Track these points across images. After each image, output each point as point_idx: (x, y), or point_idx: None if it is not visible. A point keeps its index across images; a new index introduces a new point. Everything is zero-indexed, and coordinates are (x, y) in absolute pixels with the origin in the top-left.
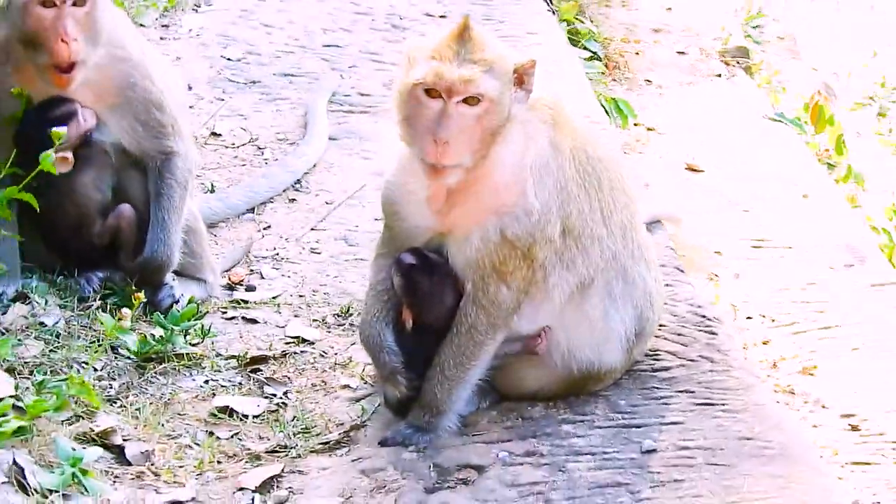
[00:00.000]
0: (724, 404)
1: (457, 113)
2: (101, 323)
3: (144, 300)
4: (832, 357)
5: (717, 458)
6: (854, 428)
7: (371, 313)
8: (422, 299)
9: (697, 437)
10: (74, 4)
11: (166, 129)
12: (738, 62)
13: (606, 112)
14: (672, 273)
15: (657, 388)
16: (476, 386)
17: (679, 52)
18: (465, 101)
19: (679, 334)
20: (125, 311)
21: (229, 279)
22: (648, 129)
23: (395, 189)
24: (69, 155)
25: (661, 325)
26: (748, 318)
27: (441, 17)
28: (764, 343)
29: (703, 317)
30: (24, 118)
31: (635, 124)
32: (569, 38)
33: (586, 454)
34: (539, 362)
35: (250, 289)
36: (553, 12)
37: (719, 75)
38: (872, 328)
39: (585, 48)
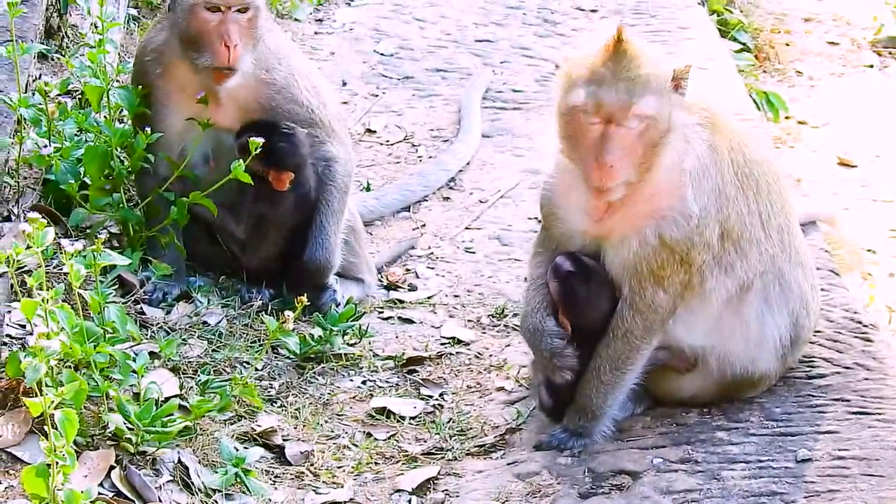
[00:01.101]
0: (880, 413)
1: (618, 135)
2: (264, 324)
3: (307, 303)
4: None
5: (872, 469)
6: None
7: (532, 305)
8: (577, 305)
9: (853, 447)
10: (238, 11)
11: (321, 139)
12: (890, 52)
13: (757, 106)
14: (827, 276)
15: (812, 395)
16: (630, 391)
17: (830, 43)
18: (630, 125)
19: (835, 341)
20: (288, 313)
21: (387, 278)
22: (800, 123)
23: (553, 192)
24: (286, 178)
25: (816, 332)
26: None
27: (592, 10)
28: None
29: (860, 323)
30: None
31: (786, 117)
32: (718, 28)
33: (741, 462)
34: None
35: (412, 288)
36: (703, 3)
37: (871, 66)
38: None
39: (735, 39)
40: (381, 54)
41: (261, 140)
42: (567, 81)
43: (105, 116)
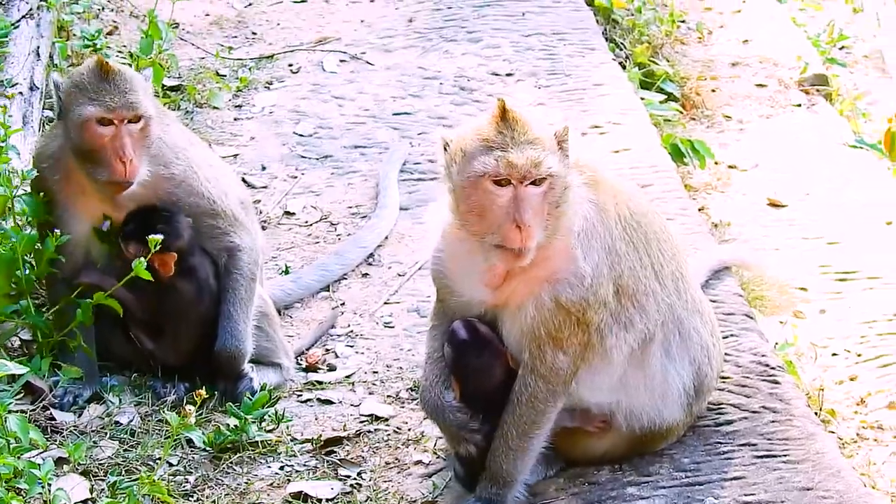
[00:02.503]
0: (785, 455)
1: (529, 195)
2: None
3: (206, 396)
4: None
5: None
6: None
7: (430, 380)
8: (472, 372)
9: (758, 491)
10: (129, 122)
11: (223, 229)
12: (817, 90)
13: (683, 154)
14: (741, 322)
15: (720, 443)
16: (541, 454)
17: (758, 85)
18: (533, 183)
19: (742, 385)
20: (189, 407)
21: (306, 361)
22: (730, 167)
23: (444, 265)
24: (170, 260)
25: (724, 378)
26: (833, 354)
27: (508, 75)
28: (851, 379)
29: (767, 366)
30: (125, 227)
31: (716, 163)
32: (643, 80)
33: None
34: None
35: (331, 368)
36: (628, 58)
37: (799, 105)
38: None
39: (661, 90)
40: (300, 135)
41: (160, 236)
42: (464, 154)
43: (12, 224)
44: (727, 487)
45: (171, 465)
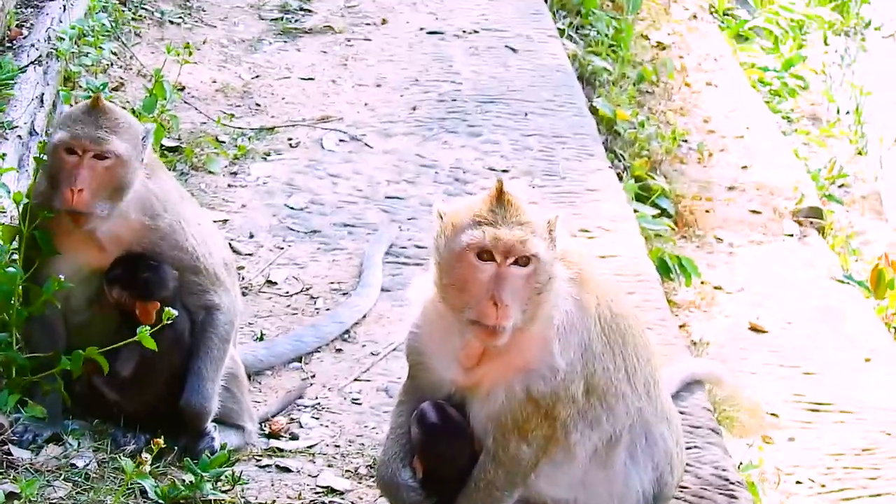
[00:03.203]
0: None
1: (511, 275)
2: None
3: (163, 445)
4: None
5: None
6: None
7: (388, 455)
8: (437, 457)
9: None
10: (96, 157)
11: (204, 286)
12: (811, 223)
13: (670, 269)
14: (706, 436)
15: None
16: None
17: (752, 211)
18: (516, 261)
19: (700, 497)
20: (145, 455)
21: (269, 427)
22: (716, 288)
23: (421, 341)
24: (153, 309)
25: (683, 488)
26: (798, 482)
27: (504, 171)
28: None
29: (726, 480)
30: (110, 271)
31: (702, 283)
32: (639, 193)
33: None
34: None
35: (294, 437)
36: (626, 170)
37: (791, 235)
38: None
39: (655, 205)
40: (291, 208)
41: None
42: (454, 227)
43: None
44: None
45: None
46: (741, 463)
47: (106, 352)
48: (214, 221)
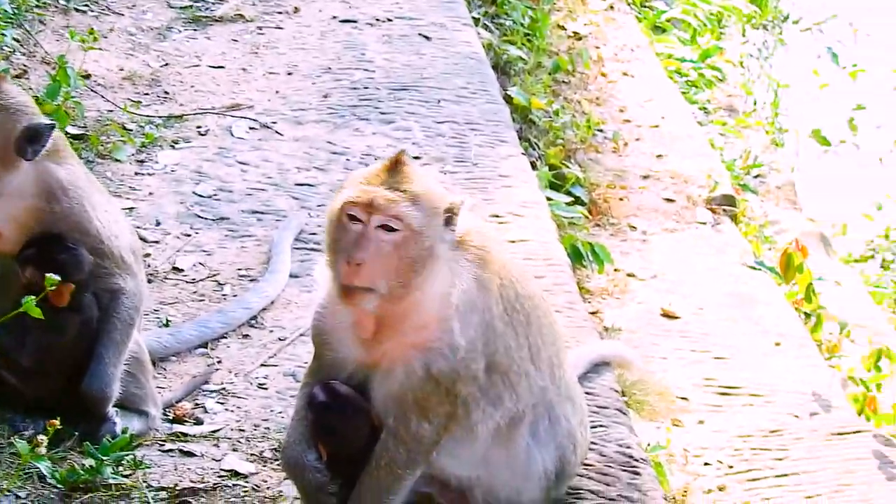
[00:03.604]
0: None
1: (375, 237)
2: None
3: (60, 426)
4: None
5: None
6: None
7: (293, 437)
8: (333, 435)
9: None
10: None
11: (109, 270)
12: (724, 210)
13: (583, 256)
14: (612, 415)
15: None
16: None
17: (666, 200)
18: (384, 227)
19: (604, 474)
20: (41, 437)
21: (174, 413)
22: (629, 275)
23: (324, 318)
24: (66, 291)
25: (587, 465)
26: (706, 464)
27: (415, 157)
28: (720, 489)
29: (630, 457)
30: (24, 251)
31: (615, 270)
32: (553, 182)
33: None
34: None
35: (198, 422)
36: (540, 158)
37: (705, 223)
38: (829, 476)
39: (569, 193)
40: (200, 195)
41: (57, 278)
42: (340, 189)
43: None
44: None
45: (18, 497)
46: (649, 444)
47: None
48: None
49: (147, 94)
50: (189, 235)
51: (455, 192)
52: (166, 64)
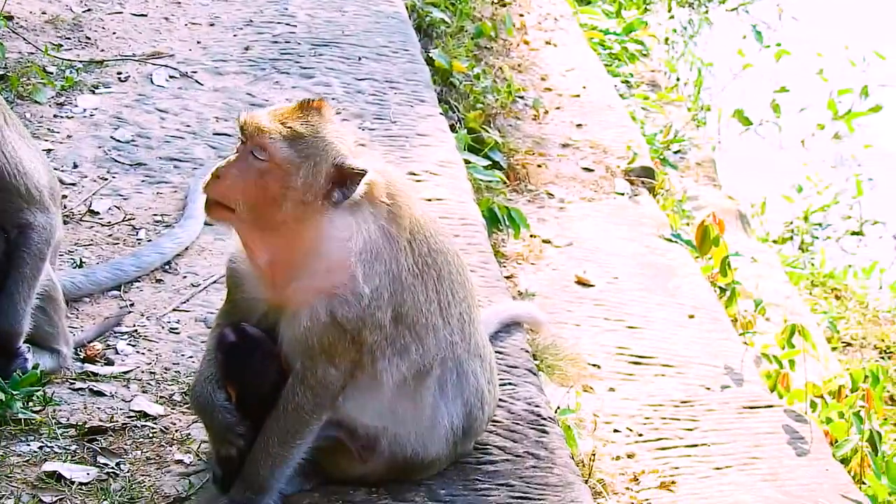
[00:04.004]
0: (541, 499)
1: (245, 158)
2: None
3: None
4: (694, 475)
5: None
6: None
7: (204, 375)
8: (242, 377)
9: None
10: None
11: (16, 205)
12: (643, 182)
13: (499, 220)
14: (523, 375)
15: (479, 480)
16: (301, 467)
17: (585, 169)
18: (255, 153)
19: (511, 431)
20: None
21: (85, 353)
22: (544, 241)
23: (236, 259)
24: None
25: (495, 422)
26: (615, 430)
27: (337, 113)
28: (629, 456)
29: (539, 416)
30: None
31: (532, 236)
32: (472, 146)
33: None
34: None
35: (109, 363)
36: (460, 122)
37: (623, 194)
38: (738, 449)
39: (488, 157)
40: (118, 140)
41: None
42: None
43: None
44: None
45: None
46: (558, 407)
47: None
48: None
49: (69, 38)
50: (106, 179)
51: (369, 160)
52: (89, 9)
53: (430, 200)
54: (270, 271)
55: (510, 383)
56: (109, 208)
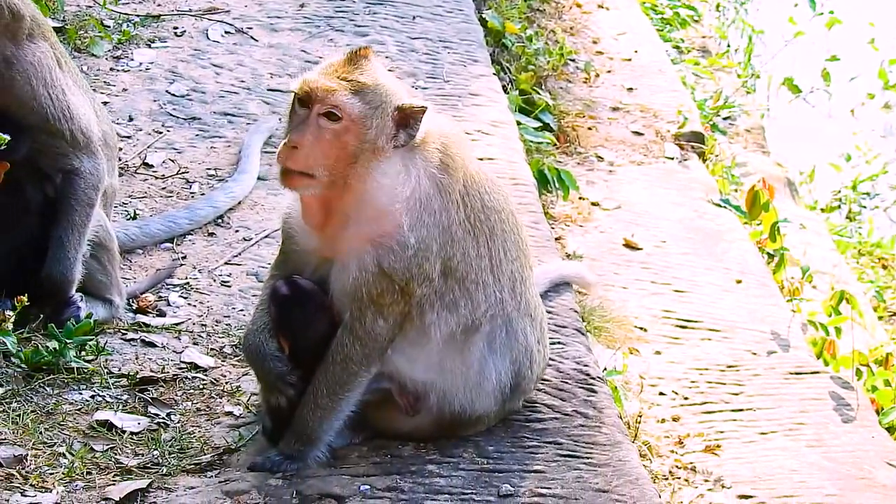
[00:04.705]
0: (588, 458)
1: (316, 123)
2: None
3: (30, 304)
4: (739, 439)
5: None
6: None
7: (257, 325)
8: (293, 329)
9: (555, 486)
10: None
11: (61, 149)
12: (692, 147)
13: (549, 182)
14: (571, 335)
15: (526, 437)
16: (350, 420)
17: (635, 132)
18: (327, 115)
19: (560, 389)
20: (8, 312)
21: (138, 304)
22: (593, 204)
23: (292, 213)
24: (1, 169)
25: (544, 380)
26: (661, 393)
27: (389, 70)
28: (674, 419)
29: (587, 375)
30: None
31: (581, 198)
32: (523, 107)
33: (445, 494)
34: None
35: (161, 314)
36: (512, 83)
37: (672, 158)
38: (784, 414)
39: (538, 118)
40: (173, 94)
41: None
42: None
43: None
44: (526, 478)
45: None
46: (605, 369)
47: None
48: None
49: None
50: (160, 133)
51: (421, 99)
52: None
53: (481, 160)
54: (323, 223)
55: (559, 342)
56: (164, 161)
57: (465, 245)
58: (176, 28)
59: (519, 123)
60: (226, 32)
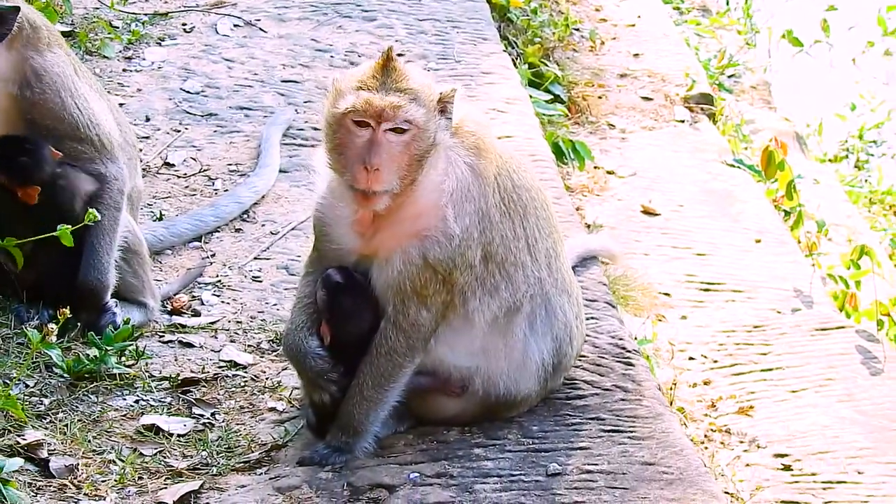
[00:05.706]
0: (631, 431)
1: (385, 140)
2: (30, 339)
3: (70, 315)
4: (770, 398)
5: (617, 482)
6: (786, 468)
7: (296, 324)
8: (342, 317)
9: (601, 462)
10: None
11: (89, 155)
12: (702, 109)
13: (564, 153)
14: (603, 308)
15: (569, 415)
16: (394, 409)
17: (644, 98)
18: (393, 129)
19: (598, 364)
20: (51, 325)
21: (171, 304)
22: (608, 172)
23: (325, 211)
24: (34, 192)
25: (581, 356)
26: (690, 358)
27: (399, 55)
28: (705, 383)
29: (623, 349)
30: None
31: (595, 167)
32: (532, 80)
33: (494, 476)
34: None
35: (196, 314)
36: (520, 57)
37: (683, 121)
38: (813, 371)
39: (549, 91)
40: (187, 92)
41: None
42: (336, 93)
43: None
44: (572, 456)
45: (27, 386)
46: (636, 338)
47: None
48: None
49: None
50: (178, 131)
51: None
52: None
53: (499, 138)
54: (366, 222)
55: (592, 317)
56: (185, 160)
57: (503, 227)
58: (184, 24)
59: (530, 98)
60: (234, 26)
